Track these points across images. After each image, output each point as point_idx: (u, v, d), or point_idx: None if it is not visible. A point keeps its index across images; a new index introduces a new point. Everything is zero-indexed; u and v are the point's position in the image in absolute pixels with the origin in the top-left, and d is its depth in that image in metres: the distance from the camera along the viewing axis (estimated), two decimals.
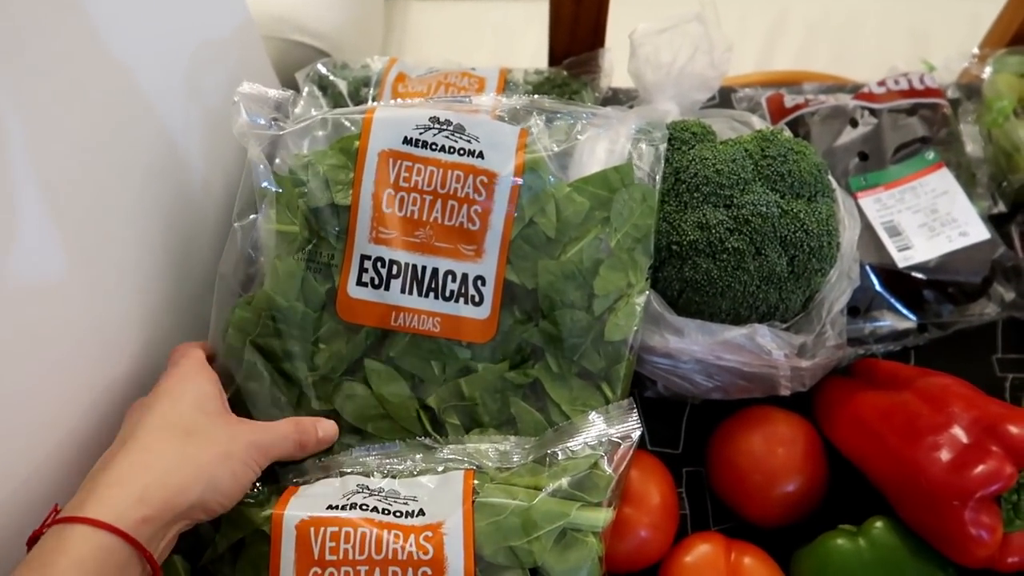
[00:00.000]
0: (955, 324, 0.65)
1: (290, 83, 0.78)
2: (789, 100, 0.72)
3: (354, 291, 0.51)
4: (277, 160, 0.56)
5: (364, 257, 0.51)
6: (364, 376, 0.52)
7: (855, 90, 0.73)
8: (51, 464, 0.45)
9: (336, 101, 0.70)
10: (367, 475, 0.49)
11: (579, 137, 0.56)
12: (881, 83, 0.71)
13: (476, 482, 0.46)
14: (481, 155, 0.51)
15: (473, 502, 0.45)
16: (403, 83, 0.71)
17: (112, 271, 0.51)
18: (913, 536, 0.50)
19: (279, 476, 0.50)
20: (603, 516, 0.45)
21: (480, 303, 0.52)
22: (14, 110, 0.41)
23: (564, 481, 0.46)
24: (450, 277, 0.51)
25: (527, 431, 0.52)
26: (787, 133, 0.60)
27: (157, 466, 0.41)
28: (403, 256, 0.51)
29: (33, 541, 0.38)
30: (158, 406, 0.45)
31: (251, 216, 0.55)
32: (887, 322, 0.65)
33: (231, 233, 0.55)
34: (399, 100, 0.60)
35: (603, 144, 0.58)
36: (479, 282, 0.52)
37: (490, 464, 0.49)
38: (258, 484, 0.48)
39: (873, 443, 0.53)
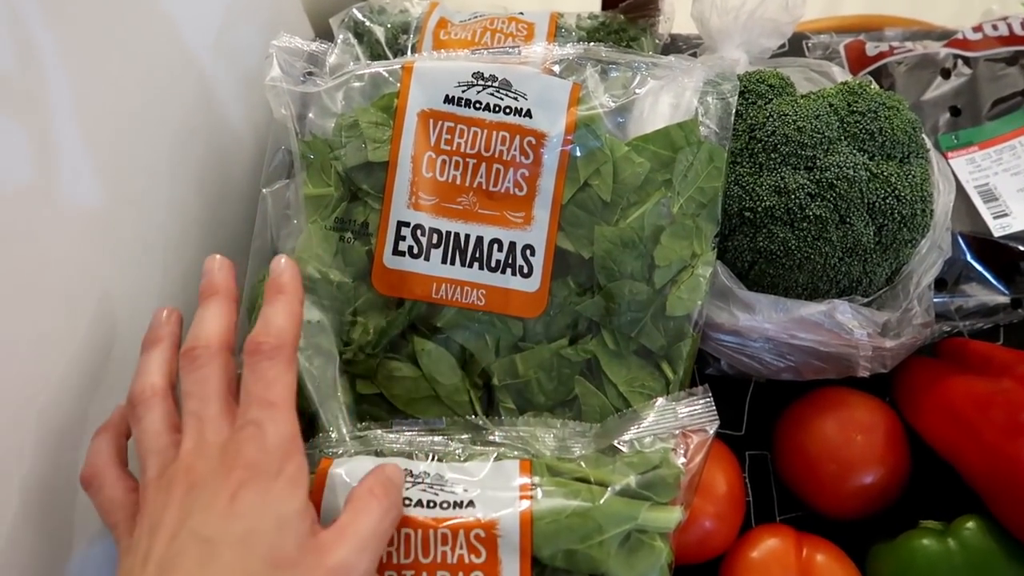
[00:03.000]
0: None
1: (325, 31, 0.73)
2: (871, 48, 0.65)
3: (391, 260, 0.47)
4: (311, 115, 0.52)
5: (402, 224, 0.47)
6: (409, 353, 0.48)
7: (946, 37, 0.66)
8: (46, 446, 0.42)
9: (372, 49, 0.65)
10: (409, 456, 0.45)
11: (638, 91, 0.51)
12: (977, 28, 0.64)
13: (534, 477, 0.42)
14: (529, 113, 0.47)
15: (531, 498, 0.41)
16: (445, 30, 0.65)
17: (136, 236, 0.48)
18: (1010, 539, 0.45)
19: (308, 445, 0.46)
20: (674, 517, 0.41)
21: (529, 274, 0.47)
22: (59, 60, 0.39)
23: (632, 479, 0.41)
24: (496, 246, 0.47)
25: (591, 414, 0.48)
26: (876, 86, 0.54)
27: None
28: (444, 224, 0.47)
29: None
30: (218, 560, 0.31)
31: (281, 181, 0.51)
32: (976, 296, 0.59)
33: (260, 199, 0.51)
34: (441, 51, 0.55)
35: (666, 98, 0.52)
36: (528, 251, 0.47)
37: (547, 452, 0.45)
38: None
39: (966, 435, 0.48)
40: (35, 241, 0.39)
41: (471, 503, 0.40)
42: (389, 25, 0.65)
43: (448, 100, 0.48)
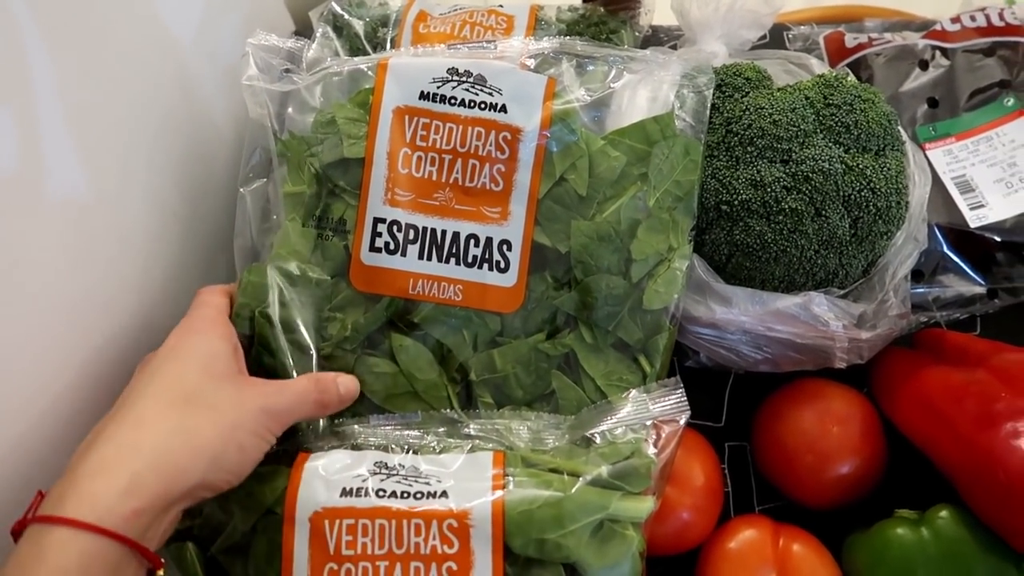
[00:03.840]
0: None
1: (305, 24, 0.73)
2: (850, 39, 0.65)
3: (368, 257, 0.48)
4: (289, 111, 0.52)
5: (378, 220, 0.47)
6: (387, 350, 0.48)
7: (925, 28, 0.66)
8: (34, 436, 0.42)
9: (351, 43, 0.64)
10: (385, 449, 0.45)
11: (614, 85, 0.51)
12: (955, 19, 0.64)
13: (508, 467, 0.42)
14: (504, 109, 0.48)
15: (503, 488, 0.41)
16: (424, 23, 0.65)
17: (114, 228, 0.48)
18: (983, 529, 0.46)
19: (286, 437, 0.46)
20: (646, 507, 0.41)
21: (506, 269, 0.48)
22: (43, 54, 0.40)
23: (604, 469, 0.42)
24: (472, 241, 0.47)
25: (568, 408, 0.48)
26: (852, 78, 0.54)
27: (149, 446, 0.36)
28: (421, 220, 0.48)
29: (18, 533, 0.34)
30: (160, 369, 0.40)
31: (259, 180, 0.52)
32: (953, 287, 0.59)
33: (239, 198, 0.52)
34: (418, 47, 0.55)
35: (643, 92, 0.53)
36: (504, 247, 0.47)
37: (521, 444, 0.45)
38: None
39: (941, 426, 0.48)
40: (13, 232, 0.39)
41: (444, 493, 0.41)
42: (368, 19, 0.65)
43: (423, 96, 0.48)
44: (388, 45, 0.64)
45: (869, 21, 0.70)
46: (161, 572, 0.37)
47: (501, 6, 0.66)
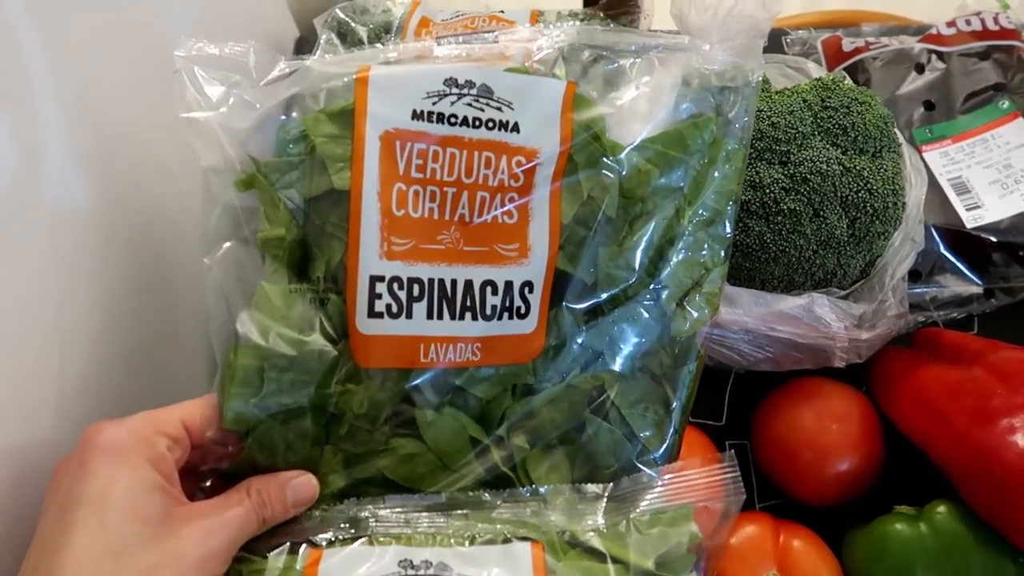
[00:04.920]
0: None
1: (310, 31, 0.74)
2: (847, 44, 0.66)
3: (367, 325, 0.38)
4: (255, 136, 0.40)
5: (375, 279, 0.38)
6: (412, 424, 0.40)
7: (921, 32, 0.67)
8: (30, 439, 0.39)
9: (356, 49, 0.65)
10: (407, 540, 0.38)
11: (644, 81, 0.42)
12: (951, 24, 0.65)
13: (548, 559, 0.36)
14: (516, 128, 0.39)
15: None
16: (427, 28, 0.66)
17: (125, 239, 0.48)
18: (980, 524, 0.46)
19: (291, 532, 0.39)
20: None
21: (526, 315, 0.39)
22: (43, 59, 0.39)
23: (651, 561, 0.37)
24: (489, 289, 0.39)
25: (601, 450, 0.41)
26: (849, 81, 0.55)
27: None
28: (425, 271, 0.38)
29: None
30: (79, 528, 0.33)
31: (227, 243, 0.40)
32: (950, 287, 0.60)
33: (206, 272, 0.39)
34: (400, 44, 0.42)
35: (672, 90, 0.43)
36: (526, 289, 0.39)
37: (555, 523, 0.39)
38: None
39: (938, 422, 0.49)
40: (15, 241, 0.38)
41: None
42: (372, 25, 0.66)
43: (416, 116, 0.38)
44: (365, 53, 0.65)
45: (866, 26, 0.71)
46: None
47: (502, 12, 0.67)
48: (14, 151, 0.38)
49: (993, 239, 0.58)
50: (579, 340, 0.41)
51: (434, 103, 0.38)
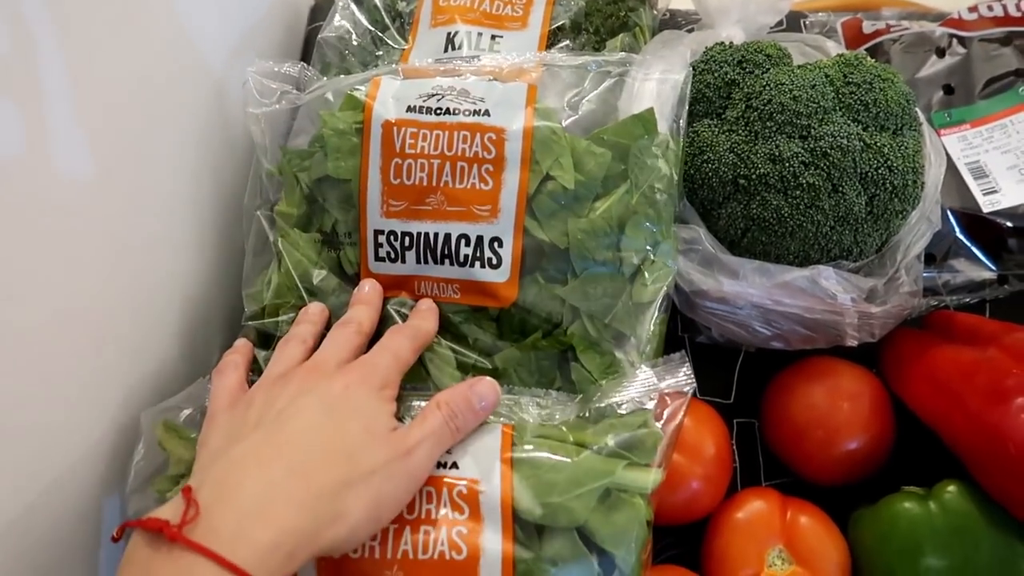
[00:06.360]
0: None
1: None
2: (868, 26, 0.66)
3: (375, 266, 0.50)
4: (293, 127, 0.56)
5: (378, 232, 0.49)
6: None
7: (941, 18, 0.67)
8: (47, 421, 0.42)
9: (371, 15, 0.65)
10: (400, 419, 0.45)
11: (595, 91, 0.52)
12: (972, 8, 0.64)
13: (517, 438, 0.43)
14: (488, 113, 0.49)
15: (511, 459, 0.42)
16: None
17: (134, 228, 0.48)
18: (991, 503, 0.46)
19: None
20: (651, 478, 0.42)
21: (498, 265, 0.48)
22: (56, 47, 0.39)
23: (609, 439, 0.42)
24: (463, 241, 0.48)
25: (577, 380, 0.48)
26: (871, 59, 0.54)
27: (308, 508, 0.36)
28: (415, 226, 0.49)
29: (124, 532, 0.34)
30: (319, 421, 0.40)
31: (267, 201, 0.54)
32: (964, 272, 0.59)
33: (254, 220, 0.54)
34: (402, 64, 0.57)
35: (625, 93, 0.53)
36: (495, 243, 0.48)
37: (530, 420, 0.45)
38: None
39: (951, 402, 0.48)
40: (27, 227, 0.38)
41: (455, 464, 0.42)
42: None
43: (411, 109, 0.49)
44: (407, 17, 0.64)
45: (887, 10, 0.71)
46: None
47: None
48: (22, 140, 0.38)
49: (1009, 224, 0.58)
50: (551, 297, 0.49)
51: (424, 101, 0.49)
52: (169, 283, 0.53)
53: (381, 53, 0.62)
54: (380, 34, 0.64)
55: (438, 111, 0.49)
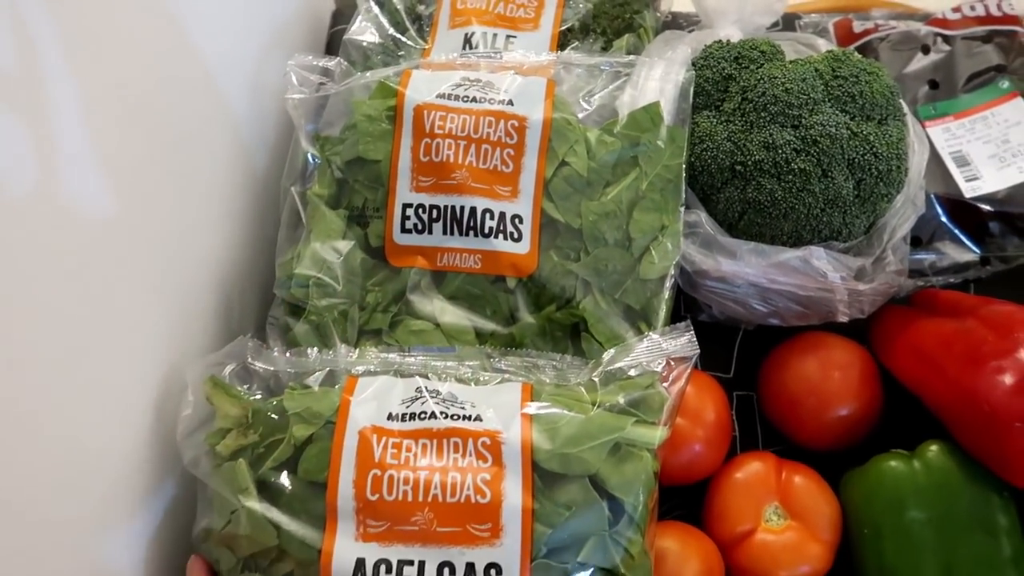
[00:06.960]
0: (1019, 258, 0.63)
1: (348, 2, 0.78)
2: (858, 25, 0.70)
3: (400, 238, 0.54)
4: (324, 117, 0.59)
5: (406, 206, 0.54)
6: (428, 314, 0.54)
7: (926, 18, 0.71)
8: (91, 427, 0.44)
9: (393, 16, 0.69)
10: (426, 376, 0.49)
11: (609, 87, 0.57)
12: (956, 9, 0.69)
13: (535, 395, 0.47)
14: (511, 103, 0.54)
15: (530, 413, 0.46)
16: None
17: (144, 237, 0.49)
18: (969, 460, 0.50)
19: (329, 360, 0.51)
20: (658, 434, 0.46)
21: (520, 239, 0.53)
22: (62, 58, 0.40)
23: (620, 398, 0.46)
24: (488, 215, 0.53)
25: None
26: (858, 55, 0.58)
27: None
28: (442, 199, 0.53)
29: None
30: None
31: (301, 179, 0.59)
32: (949, 254, 0.63)
33: (288, 196, 0.58)
34: (430, 58, 0.63)
35: (632, 90, 0.58)
36: (516, 220, 0.53)
37: (547, 380, 0.50)
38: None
39: (933, 369, 0.52)
40: (37, 244, 0.39)
41: (479, 417, 0.46)
42: None
43: (441, 96, 0.54)
44: (427, 19, 0.69)
45: (876, 11, 0.75)
46: None
47: None
48: (31, 154, 0.38)
49: (990, 208, 0.62)
50: (566, 271, 0.53)
51: (453, 89, 0.55)
52: (209, 256, 0.58)
53: (403, 53, 0.67)
54: (400, 36, 0.68)
55: (466, 99, 0.54)
